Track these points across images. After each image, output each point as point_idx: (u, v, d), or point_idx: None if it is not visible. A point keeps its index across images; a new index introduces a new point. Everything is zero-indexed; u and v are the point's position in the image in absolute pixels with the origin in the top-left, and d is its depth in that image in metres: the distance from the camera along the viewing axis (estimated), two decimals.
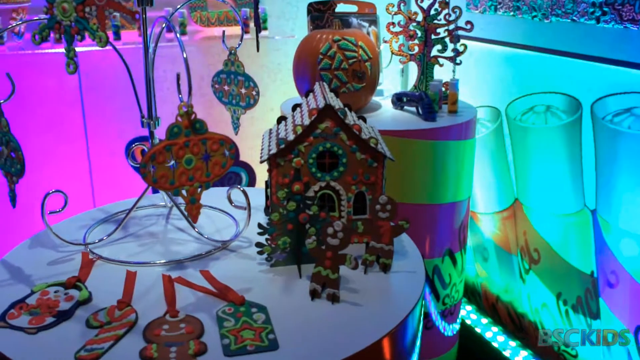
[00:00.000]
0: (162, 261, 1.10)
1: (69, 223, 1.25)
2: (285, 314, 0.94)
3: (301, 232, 1.05)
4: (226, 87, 1.32)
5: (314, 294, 0.98)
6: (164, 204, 1.33)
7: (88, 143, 2.27)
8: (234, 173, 2.60)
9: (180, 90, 0.96)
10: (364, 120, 1.24)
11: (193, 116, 0.96)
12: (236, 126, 1.33)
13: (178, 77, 0.95)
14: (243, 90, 1.29)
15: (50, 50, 2.03)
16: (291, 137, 1.09)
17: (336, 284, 0.97)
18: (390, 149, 1.84)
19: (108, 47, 1.03)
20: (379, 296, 1.00)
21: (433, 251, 1.97)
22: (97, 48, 0.96)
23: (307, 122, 1.09)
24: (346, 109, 1.20)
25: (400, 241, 1.18)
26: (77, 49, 0.96)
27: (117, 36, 2.10)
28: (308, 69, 1.89)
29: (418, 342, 1.06)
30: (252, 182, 2.60)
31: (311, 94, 1.22)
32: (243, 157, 2.63)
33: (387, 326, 0.92)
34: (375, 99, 2.17)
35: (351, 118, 1.15)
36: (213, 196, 1.32)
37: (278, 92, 2.09)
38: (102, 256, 1.11)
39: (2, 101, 1.00)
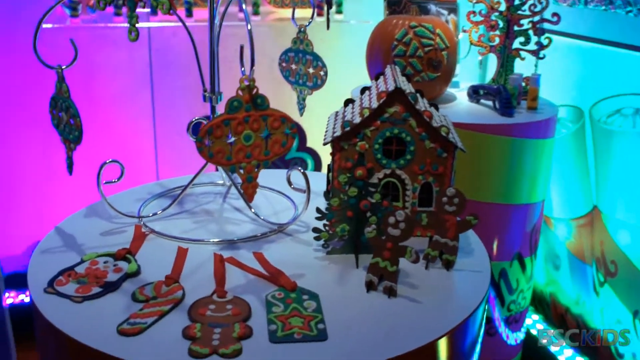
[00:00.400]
0: (215, 240, 1.08)
1: (126, 195, 1.25)
2: (337, 304, 0.90)
3: (361, 220, 1.01)
4: (293, 66, 1.29)
5: (369, 286, 0.94)
6: (222, 182, 1.31)
7: (155, 119, 2.29)
8: (300, 159, 2.58)
9: (243, 64, 0.93)
10: (436, 108, 1.19)
11: (255, 91, 0.93)
12: (301, 107, 1.30)
13: (241, 49, 0.92)
14: (311, 70, 1.25)
15: (122, 25, 2.05)
16: (357, 120, 1.05)
17: (394, 276, 0.93)
18: (464, 143, 1.79)
19: (179, 24, 1.01)
20: (440, 294, 0.95)
21: (501, 254, 1.90)
22: (168, 24, 0.95)
23: (375, 105, 1.04)
24: (418, 94, 1.14)
25: (466, 238, 1.12)
26: (148, 25, 0.95)
27: (189, 13, 2.11)
28: (381, 55, 1.84)
29: (478, 348, 1.00)
30: (317, 169, 2.57)
31: (381, 77, 1.17)
32: (310, 144, 2.61)
33: (445, 326, 0.87)
34: (450, 90, 2.11)
35: (422, 104, 1.10)
36: (273, 178, 1.29)
37: (349, 79, 2.04)
38: (154, 230, 1.10)
39: (64, 67, 1.00)
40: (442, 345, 0.86)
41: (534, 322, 2.31)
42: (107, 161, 1.05)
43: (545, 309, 2.36)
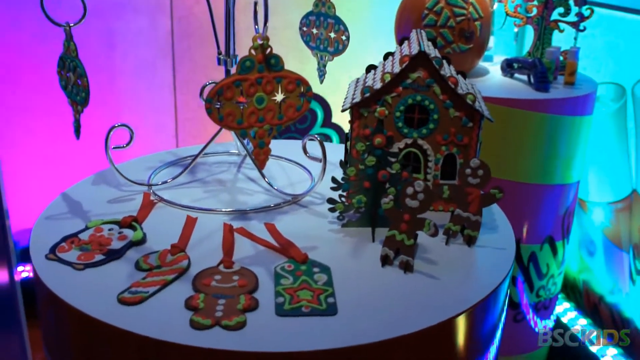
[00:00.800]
0: (226, 210, 1.05)
1: (137, 163, 1.23)
2: (350, 278, 0.87)
3: (379, 191, 0.97)
4: (314, 30, 1.24)
5: (385, 260, 0.91)
6: (237, 152, 1.28)
7: (176, 90, 2.27)
8: (324, 135, 2.55)
9: (256, 21, 0.89)
10: (464, 75, 1.14)
11: (268, 50, 0.90)
12: (322, 74, 1.26)
13: (255, 6, 0.88)
14: (332, 34, 1.21)
15: None
16: (378, 85, 1.01)
17: (411, 251, 0.89)
18: (496, 119, 1.73)
19: None
20: (459, 270, 0.91)
21: (531, 236, 1.85)
22: None
23: (397, 70, 1.00)
24: (444, 60, 1.10)
25: (491, 214, 1.07)
26: None
27: None
28: (411, 24, 1.79)
29: (499, 332, 0.96)
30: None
31: (406, 41, 1.13)
32: (335, 119, 2.57)
33: (463, 304, 0.83)
34: (482, 63, 2.05)
35: (448, 69, 1.05)
36: (292, 148, 1.26)
37: (378, 51, 2.00)
38: (163, 198, 1.07)
39: (71, 24, 0.97)
40: (459, 325, 0.83)
41: (564, 310, 2.25)
42: (116, 125, 1.03)
43: (577, 296, 2.30)
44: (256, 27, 0.90)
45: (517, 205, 1.79)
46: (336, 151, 1.19)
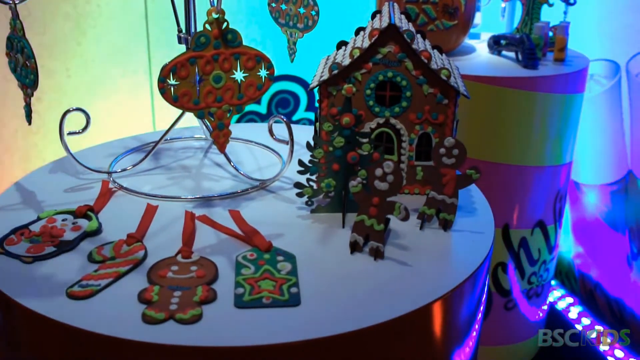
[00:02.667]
0: (190, 197, 1.03)
1: (98, 150, 1.20)
2: (316, 266, 0.85)
3: (349, 174, 0.95)
4: (283, 6, 1.21)
5: (354, 247, 0.88)
6: (204, 136, 1.25)
7: (152, 74, 2.24)
8: (309, 119, 2.51)
9: None
10: (440, 50, 1.11)
11: (225, 25, 0.87)
12: (292, 52, 1.23)
13: None
14: (301, 10, 1.18)
15: None
16: (347, 62, 0.98)
17: (381, 236, 0.86)
18: (482, 99, 1.71)
19: None
20: (434, 256, 0.89)
21: (521, 221, 1.83)
22: None
23: (366, 44, 0.97)
24: (418, 34, 1.07)
25: (469, 196, 1.05)
26: None
27: None
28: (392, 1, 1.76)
29: (478, 320, 0.94)
30: None
31: (377, 15, 1.10)
32: None
33: (438, 291, 0.80)
34: (468, 41, 2.02)
35: (422, 44, 1.03)
36: (262, 131, 1.23)
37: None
38: (123, 186, 1.05)
39: (17, 2, 0.94)
40: (434, 313, 0.81)
41: (558, 298, 2.24)
42: (71, 109, 1.00)
43: (572, 282, 2.29)
44: None
45: (506, 189, 1.77)
46: (306, 132, 1.16)
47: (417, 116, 1.00)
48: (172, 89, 0.87)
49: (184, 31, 1.09)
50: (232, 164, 1.08)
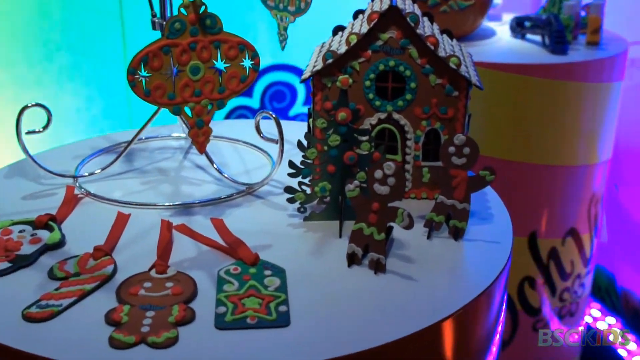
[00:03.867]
0: (167, 204, 1.04)
1: (63, 151, 1.22)
2: (308, 282, 0.86)
3: (346, 177, 0.96)
4: None
5: (351, 259, 0.90)
6: (184, 135, 1.27)
7: (127, 62, 2.26)
8: (307, 114, 2.53)
9: None
10: (450, 35, 1.13)
11: (202, 9, 0.89)
12: (282, 38, 1.24)
13: None
14: None
15: None
16: (343, 49, 1.00)
17: (382, 247, 0.88)
18: (503, 89, 1.73)
19: None
20: (443, 269, 0.90)
21: (551, 229, 1.84)
22: None
23: (365, 30, 0.99)
24: (425, 17, 1.09)
25: (484, 200, 1.06)
26: None
27: None
28: None
29: (494, 342, 0.95)
30: None
31: None
32: None
33: (447, 308, 0.82)
34: (487, 23, 2.04)
35: (428, 28, 1.04)
36: (250, 128, 1.24)
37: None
38: (90, 192, 1.06)
39: None
40: (444, 333, 0.82)
41: (597, 317, 2.25)
42: (28, 105, 1.02)
43: (613, 299, 2.30)
44: None
45: (533, 192, 1.79)
46: (299, 129, 1.17)
47: (423, 110, 1.02)
48: (143, 81, 0.88)
49: (158, 15, 1.11)
50: (215, 166, 1.10)
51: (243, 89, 0.95)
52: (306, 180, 0.99)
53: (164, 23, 1.09)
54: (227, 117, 2.48)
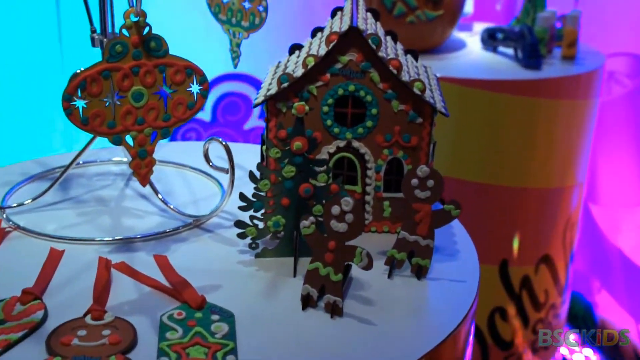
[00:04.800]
0: (106, 239, 1.04)
1: None
2: (259, 327, 0.87)
3: (302, 211, 0.97)
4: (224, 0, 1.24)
5: (306, 301, 0.90)
6: (125, 159, 1.27)
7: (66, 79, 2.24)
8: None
9: None
10: (415, 56, 1.14)
11: (146, 30, 0.89)
12: (235, 55, 1.25)
13: None
14: (246, 4, 1.21)
15: None
16: (299, 72, 1.01)
17: (339, 289, 0.89)
18: (473, 107, 1.76)
19: None
20: (405, 312, 0.91)
21: (523, 256, 1.87)
22: None
23: (322, 51, 1.00)
24: (388, 37, 1.10)
25: (450, 234, 1.08)
26: None
27: None
28: None
29: None
30: None
31: (339, 13, 1.13)
32: None
33: (409, 356, 0.83)
34: (457, 34, 2.07)
35: (391, 49, 1.06)
36: (198, 150, 1.25)
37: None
38: (19, 225, 1.06)
39: None
40: None
41: (573, 350, 2.28)
42: None
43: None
44: None
45: (503, 217, 1.81)
46: (252, 155, 1.18)
47: (385, 138, 1.03)
48: (80, 108, 0.88)
49: (98, 31, 1.11)
50: (160, 196, 1.10)
51: (190, 117, 0.95)
52: (258, 214, 1.00)
53: (105, 40, 1.09)
54: (174, 134, 2.47)
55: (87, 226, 1.08)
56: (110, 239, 1.04)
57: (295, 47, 1.14)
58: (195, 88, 0.94)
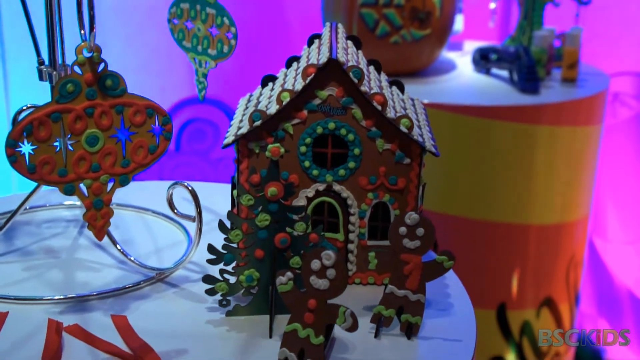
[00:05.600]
0: (57, 297, 1.03)
1: None
2: None
3: (278, 263, 0.97)
4: (189, 25, 1.24)
5: None
6: (79, 203, 1.26)
7: (9, 110, 2.24)
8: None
9: (82, 23, 0.88)
10: (400, 87, 1.15)
11: (101, 67, 0.88)
12: (202, 87, 1.26)
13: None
14: (213, 31, 1.21)
15: None
16: (273, 109, 1.00)
17: (320, 353, 0.88)
18: (465, 136, 1.76)
19: None
20: None
21: (523, 299, 1.87)
22: None
23: (299, 86, 1.00)
24: (370, 67, 1.10)
25: (442, 285, 1.08)
26: None
27: None
28: (342, 5, 1.81)
29: None
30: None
31: (316, 41, 1.13)
32: None
33: None
34: (447, 54, 2.08)
35: (374, 82, 1.06)
36: (162, 193, 1.24)
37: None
38: None
39: None
40: None
41: None
42: None
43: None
44: (81, 32, 0.88)
45: (500, 256, 1.81)
46: (221, 198, 1.19)
47: (369, 180, 1.03)
48: (27, 155, 0.87)
49: (47, 63, 1.10)
50: (118, 247, 1.09)
51: (152, 162, 0.94)
52: (229, 267, 0.99)
53: (54, 73, 1.09)
54: None
55: (35, 282, 1.07)
56: (62, 297, 1.03)
57: (268, 79, 1.14)
58: (157, 129, 0.94)
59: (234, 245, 0.98)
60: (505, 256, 1.85)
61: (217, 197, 1.22)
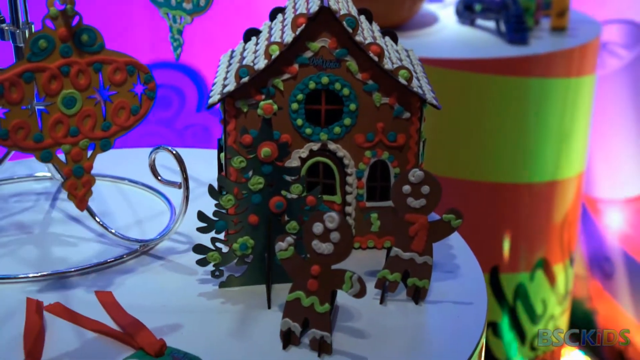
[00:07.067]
0: (33, 274, 1.01)
1: None
2: None
3: (274, 229, 0.96)
4: None
5: (287, 339, 0.89)
6: (50, 175, 1.25)
7: None
8: (208, 127, 2.51)
9: None
10: (394, 38, 1.13)
11: (76, 20, 0.86)
12: (177, 45, 1.24)
13: None
14: None
15: None
16: (261, 64, 0.99)
17: (326, 321, 0.87)
18: (451, 92, 1.76)
19: None
20: (401, 344, 0.91)
21: (516, 261, 1.89)
22: None
23: (289, 38, 0.98)
24: (361, 16, 1.09)
25: (446, 246, 1.08)
26: None
27: None
28: None
29: None
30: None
31: None
32: None
33: None
34: (428, 6, 2.08)
35: (368, 32, 1.04)
36: (142, 160, 1.22)
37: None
38: None
39: None
40: None
41: None
42: None
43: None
44: None
45: (492, 217, 1.83)
46: (209, 163, 1.19)
47: (366, 138, 1.02)
48: None
49: (8, 21, 1.07)
50: (97, 218, 1.07)
51: (135, 124, 0.93)
52: (221, 236, 0.98)
53: (18, 32, 1.06)
54: None
55: (8, 260, 1.06)
56: (39, 274, 1.01)
57: (251, 32, 1.12)
58: (139, 89, 0.93)
59: (225, 211, 0.97)
60: (496, 217, 1.86)
61: (198, 163, 1.20)
